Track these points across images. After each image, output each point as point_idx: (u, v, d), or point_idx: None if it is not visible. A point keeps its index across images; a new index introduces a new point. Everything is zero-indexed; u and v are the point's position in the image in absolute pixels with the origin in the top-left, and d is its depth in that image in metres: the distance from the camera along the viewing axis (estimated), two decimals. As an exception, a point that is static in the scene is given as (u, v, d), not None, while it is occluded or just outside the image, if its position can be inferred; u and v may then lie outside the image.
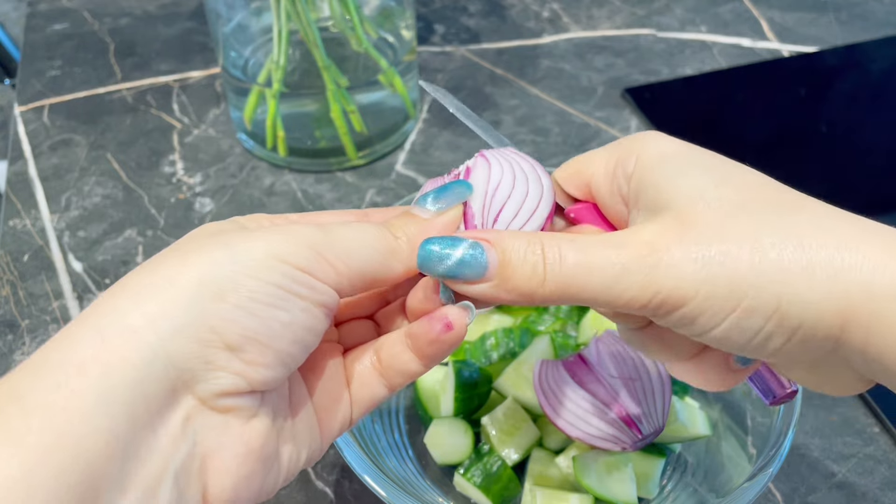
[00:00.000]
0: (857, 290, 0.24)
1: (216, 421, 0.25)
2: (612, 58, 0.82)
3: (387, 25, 0.69)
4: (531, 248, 0.27)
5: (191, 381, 0.25)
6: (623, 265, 0.26)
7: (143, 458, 0.23)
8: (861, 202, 0.67)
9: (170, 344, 0.24)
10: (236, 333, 0.25)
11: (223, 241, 0.26)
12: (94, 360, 0.23)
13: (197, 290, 0.25)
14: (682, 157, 0.28)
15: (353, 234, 0.28)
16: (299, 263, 0.26)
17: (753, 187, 0.27)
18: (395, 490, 0.39)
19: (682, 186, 0.27)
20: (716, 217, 0.26)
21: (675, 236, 0.26)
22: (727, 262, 0.25)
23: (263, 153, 0.70)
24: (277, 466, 0.28)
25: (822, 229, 0.25)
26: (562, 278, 0.27)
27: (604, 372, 0.44)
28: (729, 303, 0.25)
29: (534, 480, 0.45)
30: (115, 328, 0.24)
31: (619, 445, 0.43)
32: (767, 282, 0.25)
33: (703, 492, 0.43)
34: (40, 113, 0.77)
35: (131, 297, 0.25)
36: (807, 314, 0.25)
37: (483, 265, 0.27)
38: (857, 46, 0.83)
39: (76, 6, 0.91)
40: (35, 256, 0.63)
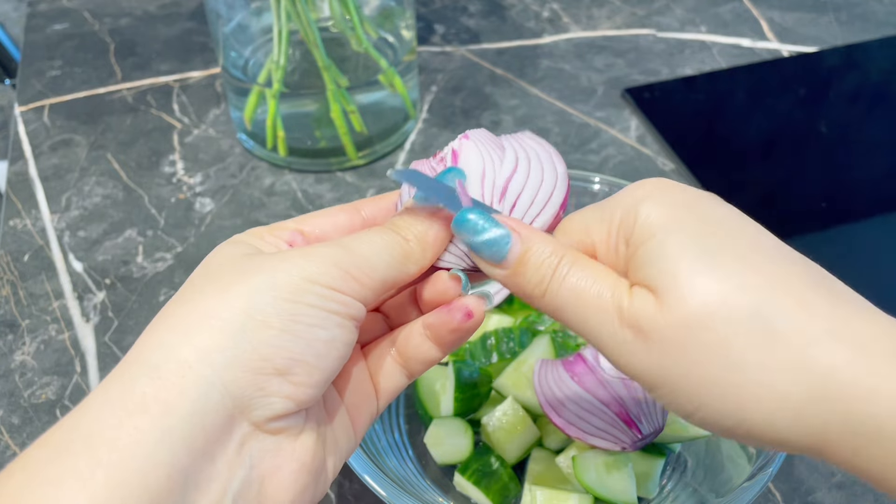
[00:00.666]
0: (836, 421, 0.23)
1: (270, 443, 0.27)
2: (612, 58, 0.82)
3: (387, 25, 0.69)
4: (550, 260, 0.28)
5: (246, 409, 0.26)
6: (612, 324, 0.27)
7: (202, 486, 0.24)
8: (861, 202, 0.68)
9: (225, 375, 0.25)
10: (284, 358, 0.26)
11: (257, 267, 0.27)
12: (154, 396, 0.24)
13: (244, 320, 0.26)
14: (670, 232, 0.26)
15: (371, 248, 0.29)
16: (330, 283, 0.27)
17: (739, 270, 0.25)
18: (395, 490, 0.39)
19: (666, 274, 0.26)
20: (691, 317, 0.25)
21: (655, 325, 0.25)
22: (693, 367, 0.25)
23: (263, 153, 0.70)
24: (325, 474, 0.29)
25: (804, 342, 0.24)
26: (558, 300, 0.28)
27: (604, 372, 0.44)
28: (690, 404, 0.26)
29: (534, 480, 0.45)
30: (170, 364, 0.25)
31: (618, 445, 0.43)
32: (732, 396, 0.24)
33: (703, 492, 0.43)
34: (40, 113, 0.77)
35: (180, 331, 0.26)
36: (775, 434, 0.24)
37: (503, 254, 0.29)
38: (857, 46, 0.83)
39: (76, 6, 0.91)
40: (35, 256, 0.63)
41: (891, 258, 0.63)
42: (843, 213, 0.66)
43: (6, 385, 0.54)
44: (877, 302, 0.26)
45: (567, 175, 0.32)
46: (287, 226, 0.32)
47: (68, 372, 0.55)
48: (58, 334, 0.57)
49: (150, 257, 0.63)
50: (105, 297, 0.60)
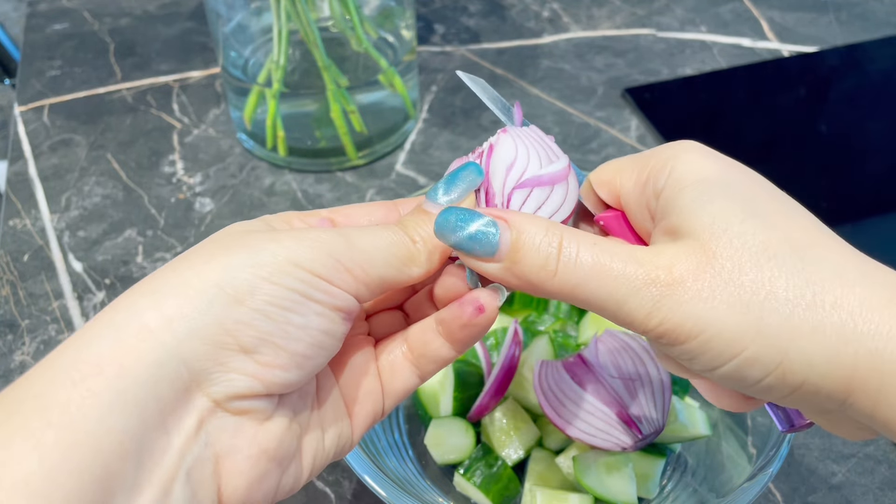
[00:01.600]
0: (865, 359, 0.24)
1: (229, 423, 0.26)
2: (612, 58, 0.82)
3: (387, 25, 0.69)
4: (548, 239, 0.27)
5: (204, 383, 0.25)
6: (635, 286, 0.26)
7: (156, 458, 0.24)
8: (861, 202, 0.68)
9: (185, 345, 0.24)
10: (251, 336, 0.25)
11: (245, 243, 0.27)
12: (110, 359, 0.23)
13: (215, 293, 0.25)
14: (712, 181, 0.27)
15: (372, 243, 0.28)
16: (317, 270, 0.26)
17: (781, 223, 0.26)
18: (395, 490, 0.39)
19: (707, 216, 0.26)
20: (735, 256, 0.25)
21: (692, 270, 0.25)
22: (737, 308, 0.25)
23: (263, 153, 0.70)
24: (298, 465, 0.28)
25: (840, 286, 0.24)
26: (573, 278, 0.26)
27: (604, 372, 0.44)
28: (731, 349, 0.25)
29: (534, 480, 0.45)
30: (132, 327, 0.24)
31: (619, 445, 0.43)
32: (774, 336, 0.24)
33: (703, 492, 0.43)
34: (40, 113, 0.77)
35: (150, 296, 0.25)
36: (811, 374, 0.24)
37: (494, 244, 0.27)
38: (857, 46, 0.83)
39: (76, 6, 0.91)
40: (35, 256, 0.63)
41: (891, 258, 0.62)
42: (843, 213, 0.66)
43: (6, 385, 0.54)
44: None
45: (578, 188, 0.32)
46: (320, 213, 0.31)
47: (68, 372, 0.55)
48: (57, 334, 0.57)
49: (150, 257, 0.63)
50: (105, 298, 0.60)
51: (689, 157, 0.28)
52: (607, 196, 0.31)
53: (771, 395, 0.26)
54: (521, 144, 0.31)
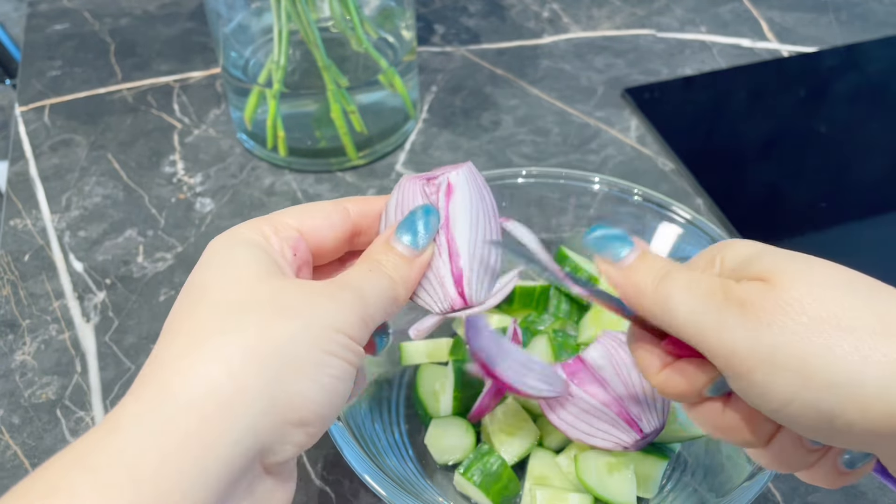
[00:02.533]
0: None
1: (268, 484, 0.27)
2: (612, 58, 0.83)
3: (387, 25, 0.69)
4: (664, 262, 0.30)
5: (267, 454, 0.26)
6: (711, 300, 0.27)
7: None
8: (861, 202, 0.68)
9: (260, 421, 0.25)
10: (311, 411, 0.27)
11: (294, 307, 0.27)
12: (196, 434, 0.24)
13: (282, 366, 0.26)
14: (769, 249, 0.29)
15: (375, 294, 0.30)
16: (352, 334, 0.28)
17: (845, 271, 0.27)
18: (395, 490, 0.39)
19: (786, 267, 0.27)
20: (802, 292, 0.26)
21: (758, 301, 0.26)
22: (797, 345, 0.25)
23: (264, 153, 0.70)
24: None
25: None
26: (666, 289, 0.29)
27: (603, 373, 0.44)
28: (787, 389, 0.25)
29: (534, 480, 0.45)
30: (211, 402, 0.25)
31: (619, 445, 0.43)
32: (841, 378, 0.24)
33: (702, 491, 0.43)
34: (41, 113, 0.77)
35: (216, 361, 0.26)
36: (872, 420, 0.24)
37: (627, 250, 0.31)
38: (856, 46, 0.83)
39: (76, 6, 0.91)
40: (36, 256, 0.63)
41: (891, 258, 0.63)
42: (843, 213, 0.66)
43: (6, 385, 0.54)
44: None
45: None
46: (288, 223, 0.32)
47: (69, 372, 0.55)
48: (58, 334, 0.57)
49: (151, 257, 0.63)
50: (105, 297, 0.60)
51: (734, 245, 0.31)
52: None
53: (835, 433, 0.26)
54: (474, 194, 0.34)
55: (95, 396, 0.53)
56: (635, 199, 0.51)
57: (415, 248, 0.32)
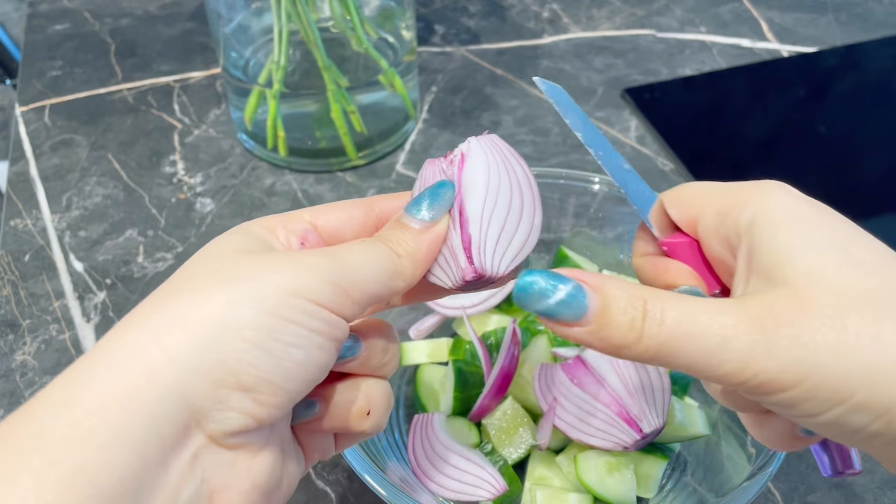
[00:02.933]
0: None
1: (224, 458, 0.26)
2: (611, 58, 0.83)
3: (387, 26, 0.69)
4: (633, 302, 0.26)
5: (202, 421, 0.25)
6: (726, 337, 0.25)
7: (153, 494, 0.24)
8: (861, 202, 0.68)
9: (187, 384, 0.24)
10: (252, 374, 0.25)
11: (244, 272, 0.26)
12: (112, 396, 0.23)
13: (217, 330, 0.25)
14: (805, 225, 0.26)
15: (363, 261, 0.28)
16: (319, 299, 0.26)
17: (878, 269, 0.25)
18: (395, 490, 0.39)
19: (803, 262, 0.25)
20: (836, 303, 0.24)
21: (788, 317, 0.24)
22: (843, 352, 0.23)
23: (264, 153, 0.70)
24: (279, 493, 0.28)
25: None
26: (660, 338, 0.26)
27: (603, 373, 0.44)
28: (837, 395, 0.24)
29: (534, 480, 0.45)
30: (133, 364, 0.24)
31: (620, 445, 0.43)
32: (885, 379, 0.23)
33: (702, 491, 0.43)
34: (41, 113, 0.77)
35: (150, 331, 0.25)
36: None
37: (583, 308, 0.26)
38: (856, 46, 0.83)
39: (77, 6, 0.91)
40: (36, 256, 0.63)
41: (890, 258, 0.63)
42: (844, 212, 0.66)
43: (7, 385, 0.54)
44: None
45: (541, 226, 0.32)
46: (302, 217, 0.31)
47: (69, 372, 0.55)
48: (58, 334, 0.57)
49: (151, 257, 0.63)
50: (106, 297, 0.60)
51: (781, 197, 0.27)
52: (680, 217, 0.31)
53: (874, 443, 0.25)
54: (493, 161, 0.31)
55: (96, 396, 0.53)
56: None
57: (422, 220, 0.30)
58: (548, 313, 0.27)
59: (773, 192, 0.28)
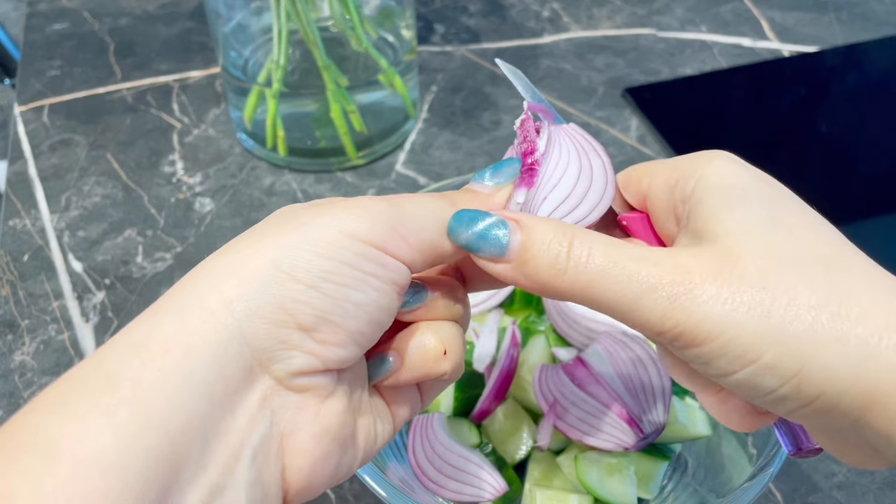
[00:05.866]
0: (889, 375, 0.23)
1: (293, 400, 0.26)
2: (612, 58, 0.82)
3: (387, 25, 0.69)
4: (558, 238, 0.26)
5: (266, 362, 0.25)
6: (650, 285, 0.25)
7: (221, 436, 0.24)
8: (861, 202, 0.68)
9: (245, 325, 0.25)
10: (308, 314, 0.25)
11: (297, 219, 0.26)
12: (177, 340, 0.24)
13: (270, 272, 0.25)
14: (741, 189, 0.27)
15: (420, 208, 0.28)
16: (374, 240, 0.26)
17: (807, 235, 0.26)
18: (394, 490, 0.39)
19: (733, 221, 0.26)
20: (759, 263, 0.25)
21: (712, 271, 0.25)
22: (758, 312, 0.24)
23: (263, 153, 0.70)
24: (354, 448, 0.28)
25: (865, 299, 0.24)
26: (583, 277, 0.26)
27: (603, 374, 0.44)
28: (749, 353, 0.24)
29: (534, 481, 0.45)
30: (194, 310, 0.24)
31: (621, 446, 0.43)
32: (795, 343, 0.24)
33: (703, 492, 0.43)
34: (40, 113, 0.77)
35: (209, 279, 0.25)
36: (829, 386, 0.24)
37: (503, 245, 0.27)
38: (857, 46, 0.83)
39: (76, 6, 0.91)
40: (35, 256, 0.63)
41: (891, 258, 0.62)
42: (843, 213, 0.66)
43: (6, 385, 0.54)
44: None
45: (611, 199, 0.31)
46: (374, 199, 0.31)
47: (68, 372, 0.55)
48: (57, 334, 0.57)
49: (150, 257, 0.63)
50: (105, 298, 0.60)
51: (720, 164, 0.28)
52: (633, 198, 0.31)
53: (784, 407, 0.25)
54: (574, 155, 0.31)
55: (95, 397, 0.53)
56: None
57: (484, 185, 0.30)
58: (469, 246, 0.28)
59: (713, 160, 0.28)
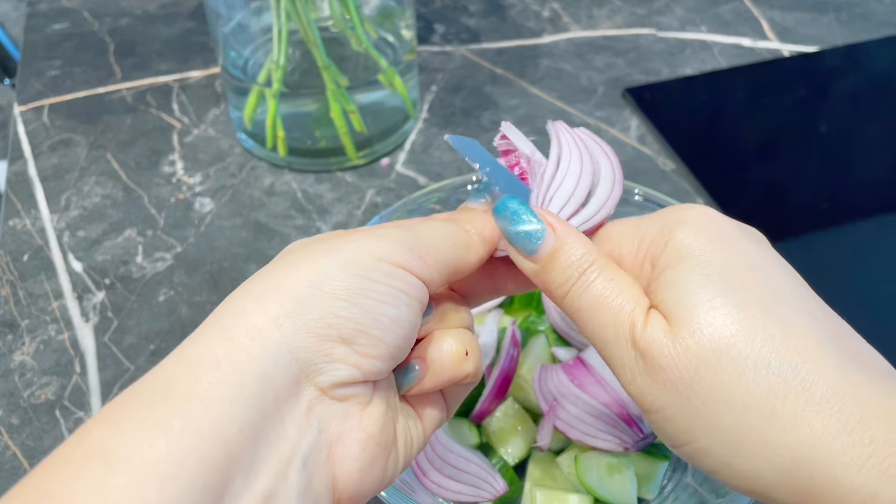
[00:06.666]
0: (822, 483, 0.23)
1: (337, 409, 0.27)
2: (612, 58, 0.82)
3: (387, 25, 0.69)
4: (580, 262, 0.29)
5: (312, 373, 0.27)
6: (618, 345, 0.28)
7: (272, 445, 0.25)
8: (861, 202, 0.68)
9: (292, 340, 0.26)
10: (350, 328, 0.27)
11: (329, 246, 0.29)
12: (225, 356, 0.25)
13: (313, 292, 0.27)
14: (696, 260, 0.27)
15: (434, 232, 0.31)
16: (398, 261, 0.28)
17: (759, 315, 0.25)
18: (394, 490, 0.39)
19: (679, 301, 0.27)
20: (699, 352, 0.26)
21: (662, 351, 0.26)
22: (692, 401, 0.26)
23: (263, 153, 0.70)
24: (396, 452, 0.30)
25: (805, 401, 0.24)
26: (576, 305, 0.29)
27: (604, 374, 0.44)
28: (683, 436, 0.26)
29: (534, 481, 0.45)
30: (241, 328, 0.26)
31: (621, 446, 0.43)
32: (725, 437, 0.25)
33: (703, 492, 0.43)
34: (40, 113, 0.77)
35: (253, 300, 0.27)
36: (759, 484, 0.25)
37: (534, 247, 0.30)
38: (857, 46, 0.83)
39: (76, 6, 0.91)
40: (35, 256, 0.63)
41: (891, 258, 0.63)
42: (843, 213, 0.66)
43: (6, 385, 0.54)
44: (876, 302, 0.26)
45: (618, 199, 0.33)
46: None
47: (68, 372, 0.55)
48: (57, 334, 0.57)
49: (150, 257, 0.63)
50: (105, 297, 0.60)
51: (684, 232, 0.28)
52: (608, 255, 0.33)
53: (729, 486, 0.26)
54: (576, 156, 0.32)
55: (94, 397, 0.53)
56: (636, 199, 0.50)
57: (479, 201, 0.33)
58: (508, 236, 0.31)
59: (676, 229, 0.29)
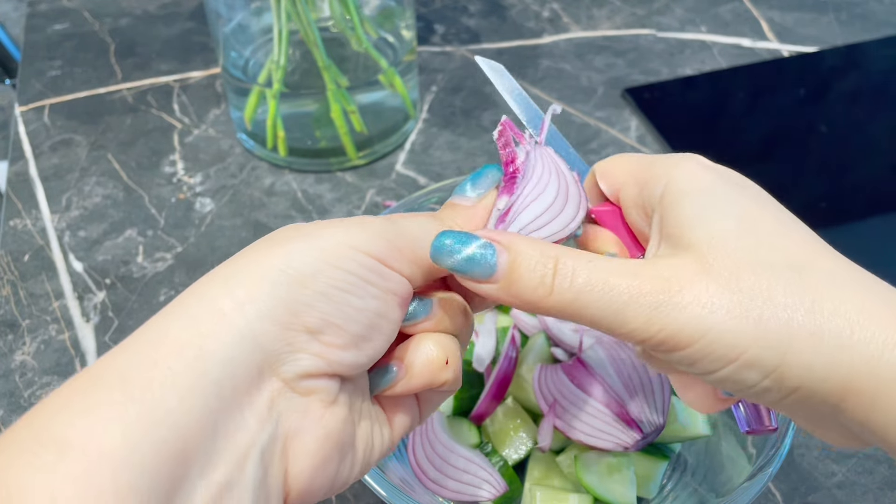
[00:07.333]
0: (862, 365, 0.24)
1: (298, 403, 0.27)
2: (612, 58, 0.82)
3: (387, 25, 0.69)
4: (543, 259, 0.28)
5: (275, 364, 0.26)
6: (632, 295, 0.26)
7: (231, 435, 0.25)
8: (861, 202, 0.68)
9: (256, 327, 0.26)
10: (315, 317, 0.26)
11: (303, 231, 0.28)
12: (189, 342, 0.25)
13: (279, 277, 0.26)
14: (709, 194, 0.28)
15: (418, 226, 0.30)
16: (373, 252, 0.28)
17: (777, 241, 0.27)
18: (394, 490, 0.39)
19: (705, 229, 0.27)
20: (734, 266, 0.26)
21: (690, 278, 0.26)
22: (736, 313, 0.25)
23: (264, 153, 0.70)
24: (353, 455, 0.29)
25: (837, 296, 0.25)
26: (569, 295, 0.27)
27: (603, 374, 0.44)
28: (731, 353, 0.25)
29: (534, 481, 0.45)
30: (206, 312, 0.25)
31: (620, 446, 0.43)
32: (773, 340, 0.25)
33: (702, 491, 0.43)
34: (41, 113, 0.77)
35: (220, 283, 0.26)
36: (807, 379, 0.25)
37: (491, 266, 0.28)
38: (857, 46, 0.83)
39: (76, 6, 0.91)
40: (35, 256, 0.63)
41: (891, 258, 0.63)
42: (843, 213, 0.66)
43: (6, 385, 0.54)
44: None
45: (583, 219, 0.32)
46: None
47: (68, 372, 0.55)
48: (58, 334, 0.57)
49: (150, 257, 0.63)
50: (105, 297, 0.60)
51: (689, 167, 0.29)
52: (607, 189, 0.32)
53: (767, 398, 0.26)
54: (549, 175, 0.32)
55: (95, 396, 0.53)
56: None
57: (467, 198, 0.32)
58: (458, 269, 0.28)
59: (683, 164, 0.29)
